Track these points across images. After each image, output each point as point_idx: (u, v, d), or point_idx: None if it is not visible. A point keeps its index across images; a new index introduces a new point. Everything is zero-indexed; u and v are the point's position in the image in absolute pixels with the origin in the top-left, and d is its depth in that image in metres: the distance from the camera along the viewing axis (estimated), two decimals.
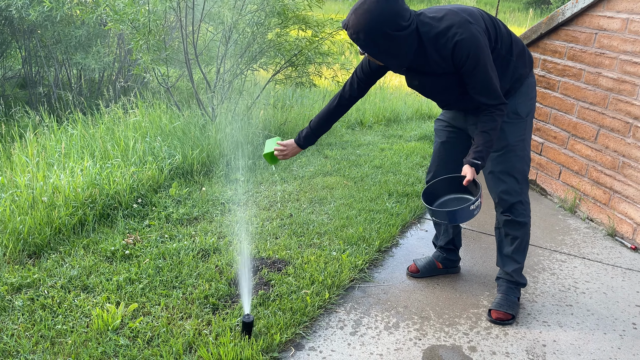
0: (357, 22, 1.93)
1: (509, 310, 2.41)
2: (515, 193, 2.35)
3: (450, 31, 1.99)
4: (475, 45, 2.00)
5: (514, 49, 2.23)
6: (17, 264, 2.57)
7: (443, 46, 2.02)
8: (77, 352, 2.00)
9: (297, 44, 4.71)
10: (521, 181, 2.36)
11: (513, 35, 2.26)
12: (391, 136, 5.39)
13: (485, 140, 2.10)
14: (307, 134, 2.43)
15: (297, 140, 2.44)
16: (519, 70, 2.26)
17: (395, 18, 1.93)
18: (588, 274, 2.86)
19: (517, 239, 2.43)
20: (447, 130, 2.50)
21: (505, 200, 2.37)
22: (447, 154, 2.50)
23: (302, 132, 2.44)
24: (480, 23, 2.07)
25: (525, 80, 2.31)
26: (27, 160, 3.37)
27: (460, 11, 2.05)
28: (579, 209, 3.59)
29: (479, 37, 2.01)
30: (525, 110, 2.31)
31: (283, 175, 4.00)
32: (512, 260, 2.46)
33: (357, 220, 3.24)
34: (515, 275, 2.47)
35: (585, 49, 3.47)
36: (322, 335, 2.24)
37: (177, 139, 4.07)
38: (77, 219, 2.90)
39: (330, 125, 2.45)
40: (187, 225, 3.09)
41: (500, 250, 2.51)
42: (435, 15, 2.04)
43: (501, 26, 2.21)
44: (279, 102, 5.59)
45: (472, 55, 2.00)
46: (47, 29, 5.83)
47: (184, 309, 2.30)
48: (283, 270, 2.66)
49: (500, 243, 2.50)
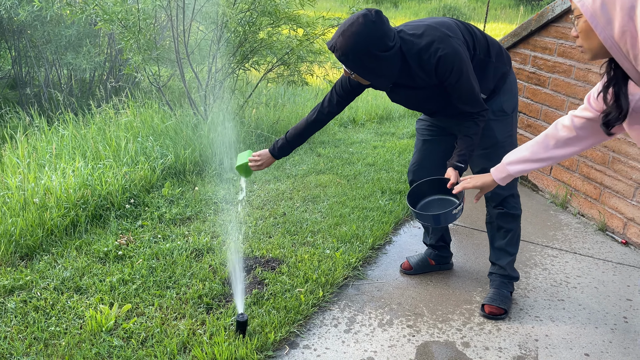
0: (344, 44, 1.96)
1: (502, 305, 2.43)
2: (507, 187, 2.39)
3: (432, 47, 2.03)
4: (458, 59, 2.05)
5: (491, 51, 2.28)
6: (9, 265, 2.55)
7: (427, 62, 2.06)
8: (71, 353, 2.00)
9: (288, 43, 4.71)
10: None
11: (489, 37, 2.32)
12: (384, 134, 5.41)
13: (467, 144, 2.17)
14: (283, 145, 2.41)
15: (271, 150, 2.41)
16: (500, 69, 2.31)
17: (383, 39, 1.97)
18: (579, 268, 2.89)
19: (510, 232, 2.48)
20: (429, 129, 2.52)
21: (498, 194, 2.41)
22: (429, 152, 2.53)
23: (277, 142, 2.42)
24: (459, 35, 2.13)
25: (508, 78, 2.36)
26: (18, 162, 3.34)
27: (439, 25, 2.10)
28: (570, 204, 3.62)
29: (459, 50, 2.06)
30: (511, 106, 2.36)
31: (276, 174, 4.00)
32: (505, 252, 2.50)
33: (350, 218, 3.24)
34: (508, 269, 2.51)
35: (575, 45, 3.49)
36: (316, 333, 2.25)
37: (170, 139, 4.05)
38: (69, 220, 2.89)
39: (306, 138, 2.44)
40: (180, 225, 3.08)
41: (493, 244, 2.54)
42: (415, 32, 2.08)
43: (476, 32, 2.26)
44: (271, 100, 5.59)
45: (455, 68, 2.05)
46: (36, 29, 5.79)
47: (177, 309, 2.30)
48: (277, 269, 2.66)
49: (492, 237, 2.54)
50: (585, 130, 1.69)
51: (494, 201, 2.46)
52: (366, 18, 1.94)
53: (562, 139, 1.76)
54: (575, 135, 1.72)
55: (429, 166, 2.52)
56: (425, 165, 2.53)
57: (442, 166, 2.55)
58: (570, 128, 1.72)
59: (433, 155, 2.50)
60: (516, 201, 2.47)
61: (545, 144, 1.81)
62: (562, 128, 1.75)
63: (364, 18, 1.94)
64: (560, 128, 1.76)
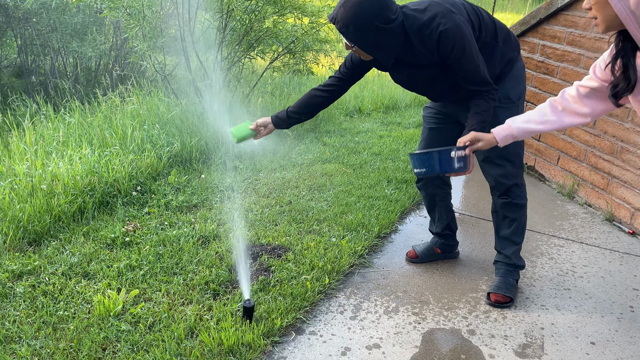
0: (345, 15, 1.95)
1: (507, 293, 2.43)
2: (511, 176, 2.38)
3: (434, 22, 2.01)
4: (460, 35, 2.02)
5: (499, 35, 2.24)
6: (18, 251, 2.57)
7: (428, 37, 2.03)
8: (80, 337, 2.01)
9: (293, 32, 4.69)
10: (517, 164, 2.39)
11: (497, 22, 2.28)
12: (390, 123, 5.39)
13: (479, 121, 2.08)
14: (282, 118, 2.42)
15: (272, 118, 2.44)
16: (507, 55, 2.28)
17: (384, 11, 1.95)
18: (586, 258, 2.88)
19: (515, 221, 2.46)
20: (436, 117, 2.50)
21: (503, 183, 2.39)
22: (435, 140, 2.50)
23: (280, 113, 2.44)
24: (463, 12, 2.09)
25: (515, 64, 2.32)
26: (26, 149, 3.36)
27: (442, 1, 2.07)
28: (577, 194, 3.61)
29: (462, 26, 2.03)
30: (517, 94, 2.33)
31: (282, 162, 4.00)
32: (510, 242, 2.49)
33: (356, 207, 3.24)
34: (513, 258, 2.50)
35: (584, 34, 3.46)
36: (322, 320, 2.26)
37: (175, 127, 4.06)
38: (76, 207, 2.90)
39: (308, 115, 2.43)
40: (187, 213, 3.09)
41: (498, 233, 2.53)
42: (418, 7, 2.06)
43: (484, 14, 2.23)
44: (276, 89, 5.57)
45: (457, 44, 2.02)
46: (42, 17, 5.78)
47: (184, 294, 2.31)
48: (283, 256, 2.67)
49: (498, 226, 2.52)
50: (590, 100, 1.71)
51: (498, 190, 2.43)
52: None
53: (569, 107, 1.77)
54: (581, 104, 1.73)
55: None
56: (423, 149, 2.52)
57: None
58: (575, 97, 1.74)
59: (439, 143, 2.48)
60: (521, 190, 2.44)
61: (553, 108, 1.81)
62: (569, 97, 1.76)
63: None
64: (566, 97, 1.77)
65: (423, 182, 2.64)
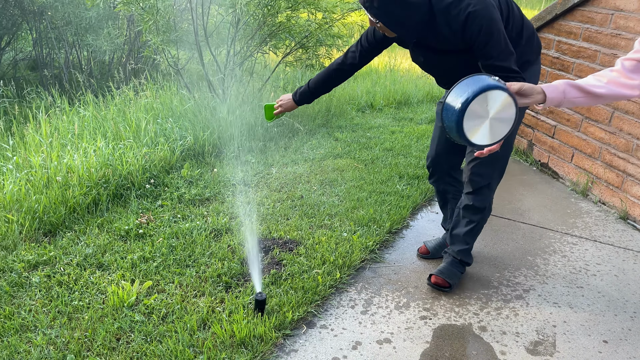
0: None
1: (449, 280, 2.45)
2: (487, 176, 2.34)
3: (463, 2, 1.92)
4: (489, 18, 1.92)
5: (524, 33, 2.16)
6: (33, 241, 2.61)
7: (454, 18, 1.94)
8: (94, 327, 2.04)
9: (307, 27, 4.68)
10: (498, 167, 2.35)
11: (525, 19, 2.20)
12: (402, 119, 5.37)
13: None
14: (304, 91, 2.50)
15: (293, 96, 2.52)
16: (526, 56, 2.19)
17: None
18: (599, 256, 2.86)
19: (472, 223, 2.46)
20: None
21: (476, 182, 2.35)
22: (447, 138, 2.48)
23: (300, 88, 2.51)
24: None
25: (530, 67, 2.24)
26: (41, 141, 3.40)
27: None
28: (591, 192, 3.57)
29: (492, 10, 1.94)
30: None
31: (294, 157, 4.01)
32: (462, 241, 2.50)
33: (367, 202, 3.24)
34: (461, 255, 2.51)
35: (601, 30, 3.41)
36: (333, 314, 2.27)
37: (188, 121, 4.08)
38: (91, 199, 2.94)
39: (328, 88, 2.49)
40: (199, 206, 3.11)
41: (453, 229, 2.53)
42: None
43: (514, 7, 2.15)
44: (288, 84, 5.57)
45: (484, 28, 1.92)
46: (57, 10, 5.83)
47: (197, 286, 2.33)
48: (294, 250, 2.68)
49: (456, 223, 2.52)
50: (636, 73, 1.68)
51: (469, 187, 2.39)
52: None
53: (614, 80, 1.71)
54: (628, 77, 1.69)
55: (446, 152, 2.50)
56: (441, 151, 2.51)
57: (459, 153, 2.53)
58: (620, 71, 1.70)
59: (451, 145, 2.47)
60: (489, 194, 2.39)
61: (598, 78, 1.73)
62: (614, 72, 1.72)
63: None
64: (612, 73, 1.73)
65: (435, 178, 2.63)
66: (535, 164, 4.12)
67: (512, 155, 4.36)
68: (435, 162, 2.55)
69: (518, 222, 3.21)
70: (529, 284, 2.57)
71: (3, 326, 2.03)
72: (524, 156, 4.26)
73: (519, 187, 3.73)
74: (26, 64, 7.28)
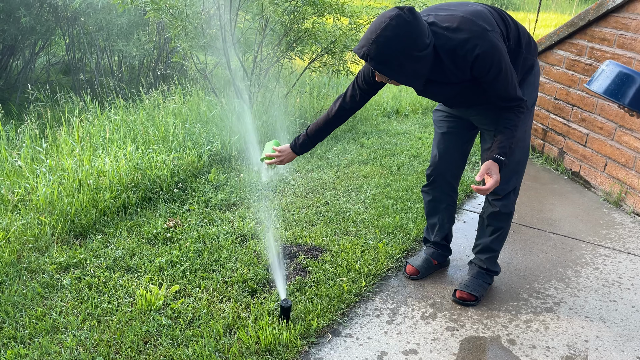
0: (379, 52, 1.81)
1: (474, 292, 2.41)
2: (512, 181, 2.34)
3: (468, 44, 1.90)
4: (498, 55, 1.93)
5: (522, 40, 2.17)
6: (65, 244, 2.67)
7: (462, 59, 1.93)
8: (122, 330, 2.07)
9: (332, 32, 4.69)
10: (520, 171, 2.37)
11: (519, 26, 2.20)
12: (428, 125, 5.32)
13: (508, 137, 2.07)
14: (304, 141, 2.34)
15: (292, 146, 2.36)
16: (529, 60, 2.22)
17: (420, 38, 1.83)
18: (633, 269, 2.78)
19: (499, 230, 2.44)
20: (447, 120, 2.44)
21: (503, 188, 2.32)
22: (449, 145, 2.46)
23: (298, 139, 2.35)
24: (495, 27, 1.99)
25: (533, 69, 2.27)
26: (74, 144, 3.47)
27: (475, 18, 1.94)
28: (625, 202, 3.48)
29: (498, 45, 1.94)
30: (531, 101, 2.27)
31: (319, 163, 4.01)
32: (489, 249, 2.47)
33: (393, 210, 3.22)
34: (488, 263, 2.48)
35: (636, 37, 3.32)
36: (358, 323, 2.25)
37: (216, 126, 4.12)
38: (120, 202, 2.99)
39: (327, 134, 2.36)
40: (226, 211, 3.14)
41: (479, 238, 2.51)
42: (449, 25, 1.93)
43: (509, 19, 2.14)
44: (314, 89, 5.58)
45: (494, 65, 1.94)
46: (89, 17, 5.98)
47: (223, 292, 2.35)
48: (320, 257, 2.67)
49: (481, 231, 2.50)
50: None
51: (496, 194, 2.35)
52: (400, 19, 1.79)
53: None
54: None
55: (451, 161, 2.49)
56: (445, 159, 2.48)
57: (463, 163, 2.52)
58: None
59: (452, 148, 2.46)
60: (514, 199, 2.40)
61: None
62: None
63: (397, 19, 1.79)
64: None
65: (434, 187, 2.56)
66: (566, 172, 4.03)
67: (543, 163, 4.28)
68: (439, 171, 2.52)
69: (548, 233, 3.14)
70: (559, 297, 2.51)
71: (35, 327, 2.07)
72: (555, 165, 4.17)
73: (549, 197, 3.65)
74: (59, 69, 7.48)
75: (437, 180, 2.54)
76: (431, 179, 2.55)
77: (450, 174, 2.53)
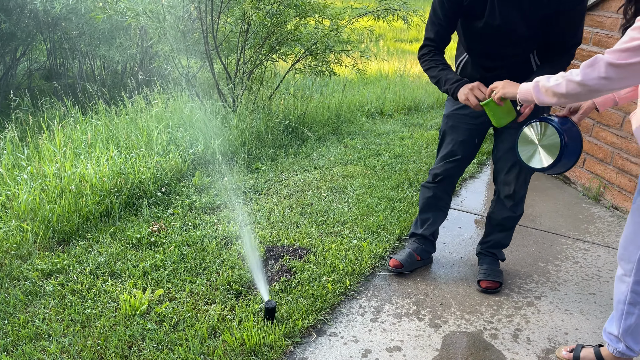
0: None
1: (497, 279, 2.52)
2: (524, 186, 2.45)
3: None
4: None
5: None
6: (47, 250, 2.65)
7: None
8: (107, 335, 2.07)
9: (314, 34, 4.71)
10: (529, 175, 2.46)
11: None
12: (412, 125, 5.37)
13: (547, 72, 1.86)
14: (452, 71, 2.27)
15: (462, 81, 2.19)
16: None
17: None
18: (612, 262, 2.83)
19: (511, 229, 2.59)
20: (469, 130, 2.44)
21: (519, 193, 2.44)
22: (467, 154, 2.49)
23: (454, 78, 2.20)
24: None
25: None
26: (55, 150, 3.45)
27: None
28: (604, 197, 3.54)
29: None
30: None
31: (303, 164, 4.02)
32: (500, 244, 2.62)
33: (377, 209, 3.25)
34: (499, 254, 2.63)
35: (611, 35, 3.39)
36: (343, 322, 2.27)
37: (199, 129, 4.12)
38: (103, 208, 2.98)
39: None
40: (210, 214, 3.14)
41: (488, 235, 2.62)
42: None
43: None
44: (298, 91, 5.61)
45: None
46: (71, 22, 5.93)
47: (208, 294, 2.35)
48: (304, 257, 2.69)
49: (490, 230, 2.62)
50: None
51: (512, 199, 2.45)
52: None
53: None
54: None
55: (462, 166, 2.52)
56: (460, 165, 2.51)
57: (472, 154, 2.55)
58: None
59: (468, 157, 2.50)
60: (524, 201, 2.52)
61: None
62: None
63: None
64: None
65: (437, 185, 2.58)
66: None
67: None
68: (450, 173, 2.54)
69: (529, 228, 3.19)
70: (540, 291, 2.55)
71: (18, 334, 2.06)
72: None
73: (530, 193, 3.71)
74: (41, 74, 7.40)
75: (444, 180, 2.57)
76: (439, 178, 2.56)
77: (457, 176, 2.60)
